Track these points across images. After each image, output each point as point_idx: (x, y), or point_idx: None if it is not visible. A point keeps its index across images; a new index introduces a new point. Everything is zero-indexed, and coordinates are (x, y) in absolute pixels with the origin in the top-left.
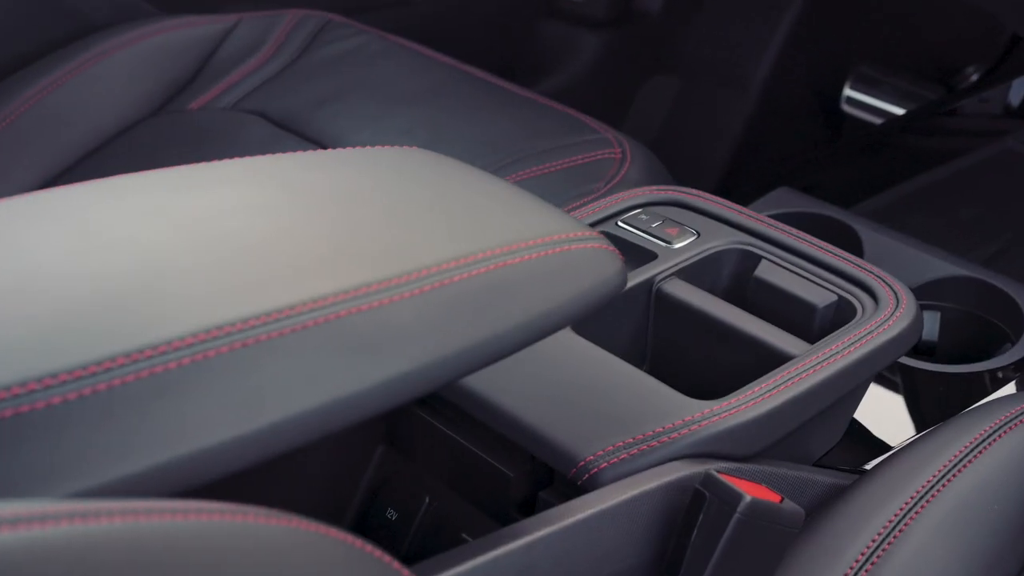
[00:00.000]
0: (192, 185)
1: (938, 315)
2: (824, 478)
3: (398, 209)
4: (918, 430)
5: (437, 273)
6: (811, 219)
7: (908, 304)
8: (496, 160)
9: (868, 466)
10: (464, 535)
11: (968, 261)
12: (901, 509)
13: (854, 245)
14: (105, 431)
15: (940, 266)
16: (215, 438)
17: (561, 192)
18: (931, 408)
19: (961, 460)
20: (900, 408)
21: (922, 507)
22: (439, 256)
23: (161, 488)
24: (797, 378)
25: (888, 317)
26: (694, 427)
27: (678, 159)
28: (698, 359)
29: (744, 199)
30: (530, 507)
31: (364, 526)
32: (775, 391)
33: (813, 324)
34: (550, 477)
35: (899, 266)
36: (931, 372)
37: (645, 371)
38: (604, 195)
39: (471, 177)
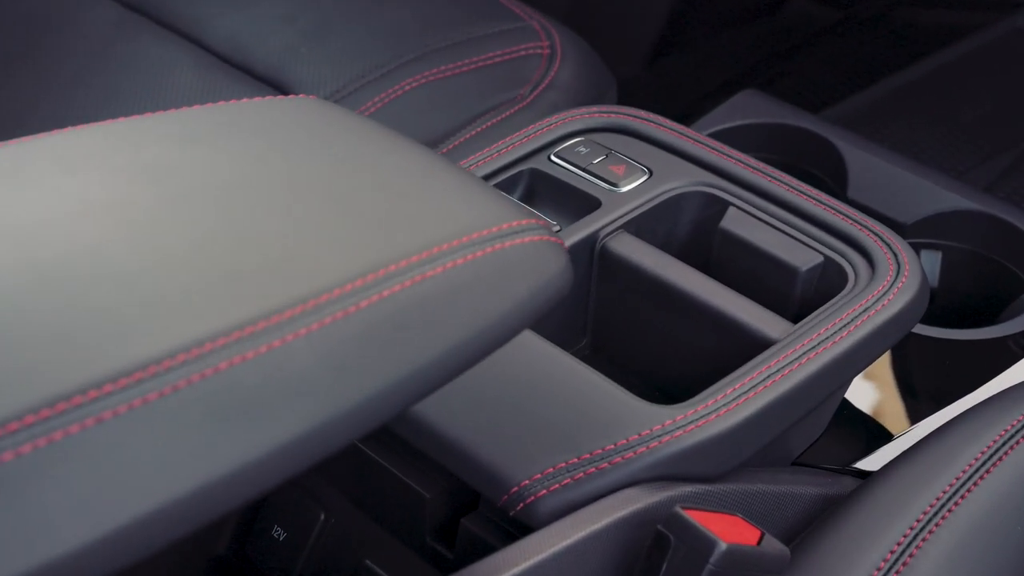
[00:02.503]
0: (15, 174)
1: (938, 256)
2: (809, 489)
3: (288, 206)
4: (915, 413)
5: (341, 298)
6: (783, 133)
7: (911, 270)
8: (392, 57)
9: (859, 464)
10: (368, 562)
11: (973, 189)
12: (905, 536)
13: (835, 166)
14: None
15: (940, 196)
16: (55, 549)
17: (474, 100)
18: (931, 384)
19: (976, 471)
20: (892, 385)
21: (932, 530)
22: (343, 273)
23: None
24: (779, 374)
25: (888, 288)
26: (654, 443)
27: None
28: (651, 337)
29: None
30: (450, 535)
31: (244, 547)
32: (752, 393)
33: (794, 292)
34: (475, 500)
35: (891, 196)
36: (931, 339)
37: (585, 347)
38: (529, 104)
39: (378, 148)
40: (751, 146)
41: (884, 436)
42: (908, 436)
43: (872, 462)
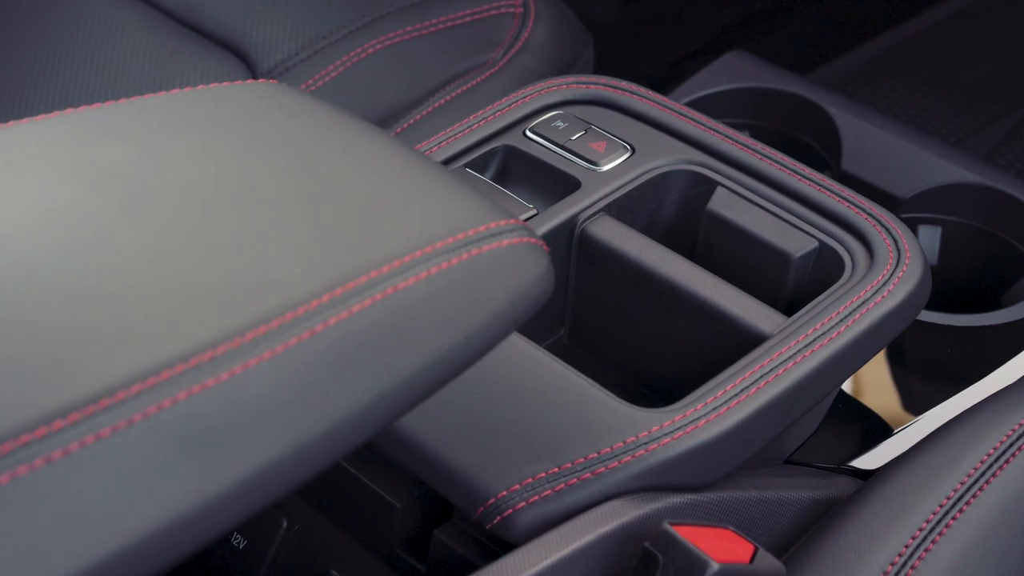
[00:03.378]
0: None
1: (938, 232)
2: (803, 493)
3: (247, 211)
4: (914, 407)
5: (306, 316)
6: (772, 98)
7: (912, 257)
8: (354, 17)
9: (856, 462)
10: (335, 573)
11: (974, 159)
12: (907, 547)
13: (828, 135)
14: None
15: (940, 168)
16: None
17: (442, 64)
18: (932, 374)
19: (982, 475)
20: (889, 375)
21: (935, 539)
22: (307, 288)
23: None
24: (773, 374)
25: (887, 278)
26: (640, 452)
27: None
28: (634, 329)
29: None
30: (422, 546)
31: (202, 555)
32: (743, 395)
33: (786, 279)
34: (448, 510)
35: (887, 168)
36: (931, 325)
37: (563, 338)
38: (502, 69)
39: (343, 142)
40: (739, 112)
41: (881, 432)
42: (907, 432)
43: (869, 460)
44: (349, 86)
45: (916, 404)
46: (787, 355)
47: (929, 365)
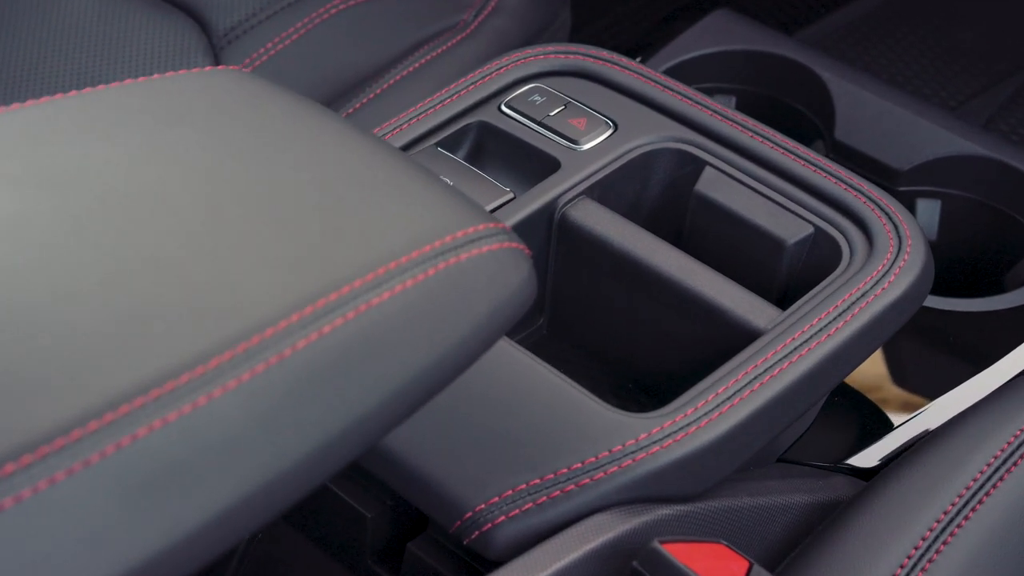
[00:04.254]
0: None
1: (937, 206)
2: (799, 497)
3: (208, 219)
4: (914, 400)
5: (274, 339)
6: (761, 61)
7: (914, 245)
8: None
9: (852, 460)
10: None
11: (975, 128)
12: (910, 557)
13: (821, 101)
14: None
15: (939, 138)
16: None
17: (409, 27)
18: (933, 364)
19: (988, 479)
20: (887, 366)
21: (940, 549)
22: (276, 307)
23: None
24: (768, 375)
25: (888, 268)
26: (627, 461)
27: None
28: (618, 320)
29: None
30: (395, 559)
31: None
32: (736, 399)
33: (780, 267)
34: (423, 522)
35: (884, 138)
36: (932, 310)
37: (541, 328)
38: (473, 33)
39: (310, 138)
40: (725, 76)
41: (879, 427)
42: (908, 429)
43: (867, 458)
44: (311, 49)
45: (916, 397)
46: (782, 354)
47: (930, 354)
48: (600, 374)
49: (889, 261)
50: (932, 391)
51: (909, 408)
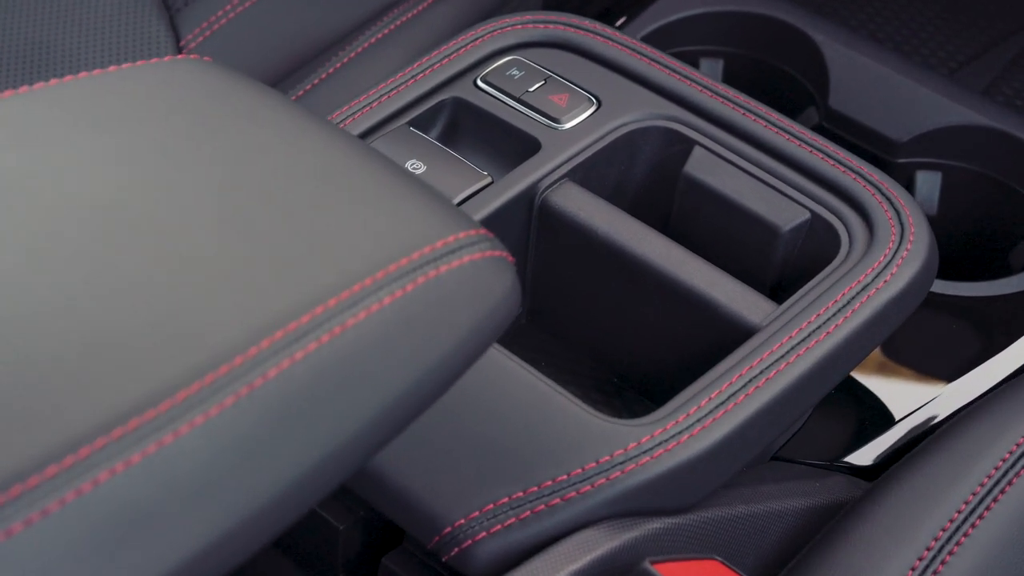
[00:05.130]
0: None
1: (937, 178)
2: (795, 503)
3: (165, 231)
4: (914, 393)
5: (244, 368)
6: (751, 23)
7: (917, 233)
8: None
9: (850, 458)
10: None
11: (978, 97)
12: (913, 569)
13: (814, 66)
14: None
15: (940, 107)
16: None
17: None
18: (934, 354)
19: (997, 483)
20: (886, 356)
21: (945, 560)
22: (244, 331)
23: None
24: (764, 378)
25: (890, 258)
26: (615, 473)
27: None
28: (602, 310)
29: None
30: (369, 572)
31: None
32: (731, 404)
33: (774, 256)
34: (399, 534)
35: (881, 107)
36: (933, 295)
37: (521, 317)
38: None
39: (279, 138)
40: (712, 39)
41: (879, 422)
42: (908, 423)
43: (864, 455)
44: (271, 13)
45: (918, 389)
46: (779, 354)
47: (933, 342)
48: (583, 368)
49: (891, 251)
50: (935, 383)
51: (910, 401)
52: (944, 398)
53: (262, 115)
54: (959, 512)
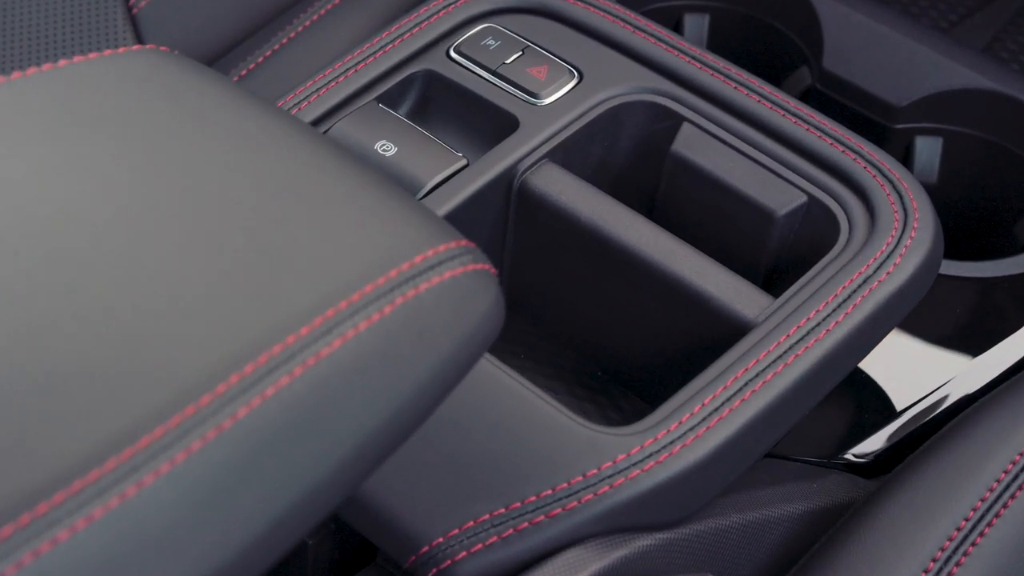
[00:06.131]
0: None
1: (939, 144)
2: (792, 507)
3: (120, 249)
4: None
5: (211, 409)
6: None
7: (922, 218)
8: None
9: (849, 454)
10: None
11: (981, 57)
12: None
13: (807, 24)
14: None
15: (941, 69)
16: None
17: None
18: (936, 340)
19: (1006, 488)
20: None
21: (952, 571)
22: (210, 366)
23: None
24: (760, 381)
25: (894, 247)
26: (603, 488)
27: None
28: (585, 299)
29: None
30: None
31: None
32: (726, 411)
33: (768, 242)
34: (372, 551)
35: (879, 69)
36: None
37: None
38: None
39: (237, 139)
40: None
41: (880, 414)
42: (909, 415)
43: (864, 450)
44: None
45: (921, 378)
46: (776, 354)
47: (934, 327)
48: (565, 361)
49: (894, 238)
50: (938, 371)
51: (912, 391)
52: (948, 388)
53: (225, 117)
54: (967, 520)
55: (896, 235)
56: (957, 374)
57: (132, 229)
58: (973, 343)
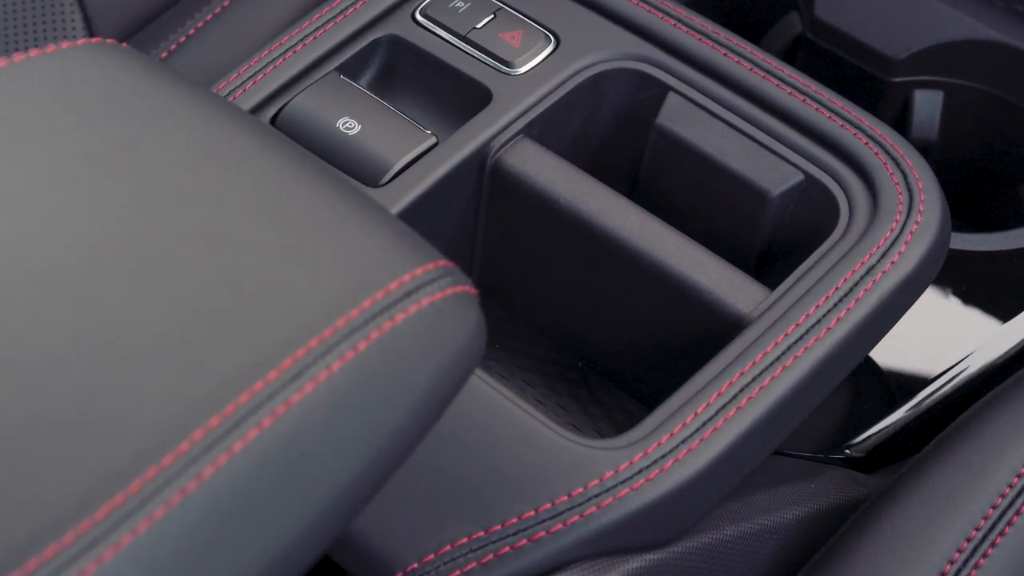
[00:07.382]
0: None
1: (939, 98)
2: (789, 512)
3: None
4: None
5: (175, 470)
6: None
7: (928, 199)
8: None
9: (851, 451)
10: None
11: (986, 7)
12: None
13: None
14: None
15: (942, 18)
16: None
17: None
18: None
19: (1018, 494)
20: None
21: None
22: (172, 420)
23: None
24: (758, 385)
25: (898, 233)
26: (591, 509)
27: None
28: (565, 289)
29: None
30: None
31: None
32: (721, 420)
33: (761, 224)
34: (341, 572)
35: (875, 19)
36: None
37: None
38: None
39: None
40: None
41: (880, 405)
42: (908, 407)
43: (862, 445)
44: None
45: (922, 366)
46: (774, 355)
47: (936, 310)
48: (543, 351)
49: (899, 224)
50: (939, 359)
51: (914, 382)
52: (950, 377)
53: (181, 123)
54: (977, 529)
55: (901, 219)
56: (960, 360)
57: (82, 261)
58: (978, 327)
